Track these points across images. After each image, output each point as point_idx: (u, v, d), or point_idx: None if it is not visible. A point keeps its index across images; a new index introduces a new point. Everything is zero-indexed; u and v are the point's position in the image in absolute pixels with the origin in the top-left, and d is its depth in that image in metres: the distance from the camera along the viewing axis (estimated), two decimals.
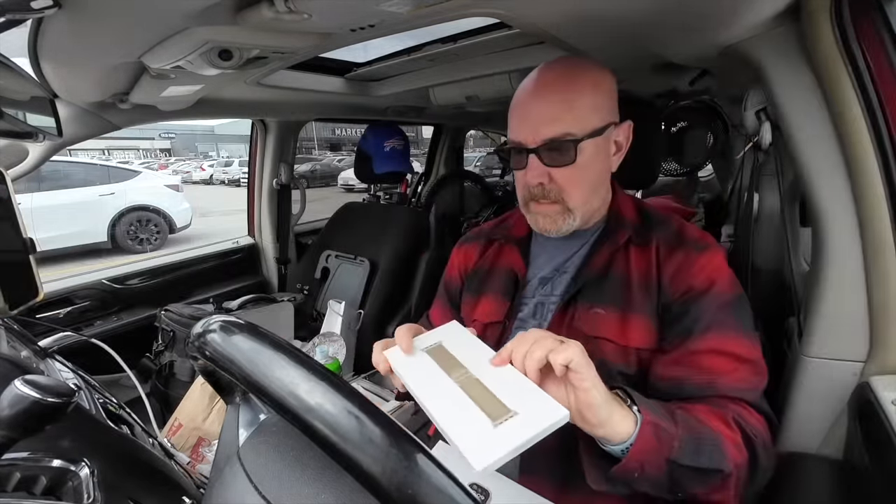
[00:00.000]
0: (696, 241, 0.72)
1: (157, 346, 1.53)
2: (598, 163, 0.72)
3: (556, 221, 0.74)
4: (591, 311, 0.72)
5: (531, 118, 0.71)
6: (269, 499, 0.32)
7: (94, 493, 0.44)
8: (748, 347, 0.65)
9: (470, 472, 0.64)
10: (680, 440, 0.53)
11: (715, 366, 0.65)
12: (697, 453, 0.54)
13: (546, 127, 0.69)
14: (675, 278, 0.69)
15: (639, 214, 0.79)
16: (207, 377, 0.44)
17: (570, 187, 0.71)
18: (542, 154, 0.70)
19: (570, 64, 0.73)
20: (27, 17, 0.64)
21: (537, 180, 0.71)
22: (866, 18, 0.64)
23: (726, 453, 0.55)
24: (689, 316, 0.67)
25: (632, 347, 0.69)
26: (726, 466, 0.55)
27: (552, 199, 0.72)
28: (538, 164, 0.71)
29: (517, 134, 0.73)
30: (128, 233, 6.67)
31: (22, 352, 0.71)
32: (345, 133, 28.20)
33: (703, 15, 0.76)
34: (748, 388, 0.64)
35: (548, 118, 0.69)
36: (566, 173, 0.70)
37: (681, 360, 0.66)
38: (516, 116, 0.74)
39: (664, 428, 0.53)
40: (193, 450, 1.17)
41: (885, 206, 0.66)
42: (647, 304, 0.70)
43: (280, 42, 0.86)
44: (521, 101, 0.73)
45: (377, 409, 0.30)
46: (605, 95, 0.72)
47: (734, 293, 0.68)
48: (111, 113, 1.26)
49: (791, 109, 0.74)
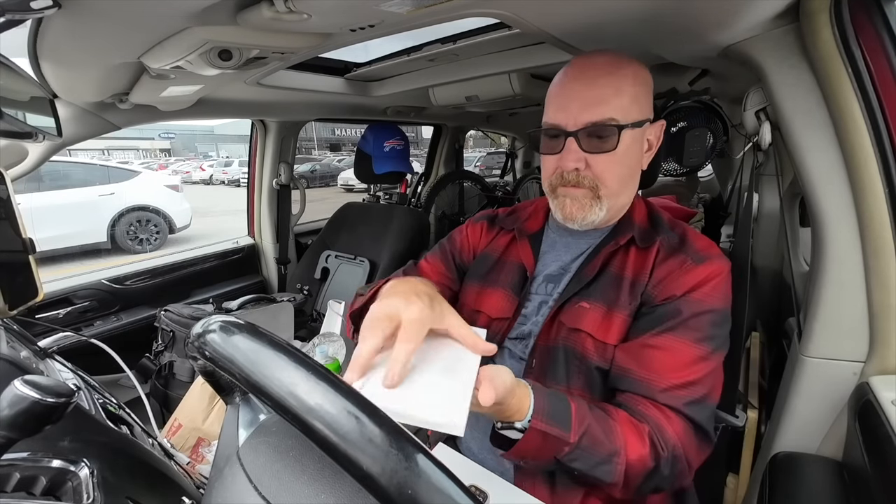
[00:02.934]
0: (696, 251, 0.70)
1: (156, 346, 1.53)
2: (633, 156, 0.72)
3: (584, 208, 0.72)
4: (577, 305, 0.72)
5: (573, 101, 0.68)
6: (269, 499, 0.32)
7: (93, 493, 0.44)
8: (703, 360, 0.64)
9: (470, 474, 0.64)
10: (571, 447, 0.58)
11: (660, 365, 0.64)
12: (584, 462, 0.59)
13: (589, 111, 0.67)
14: (661, 283, 0.69)
15: (649, 219, 0.78)
16: (207, 377, 0.44)
17: (606, 175, 0.70)
18: (581, 139, 0.68)
19: (613, 54, 0.71)
20: (27, 17, 0.64)
21: (574, 165, 0.69)
22: (866, 19, 0.64)
23: (615, 469, 0.60)
24: (656, 313, 0.67)
25: (610, 344, 0.69)
26: (610, 478, 0.60)
27: (585, 185, 0.71)
28: (576, 149, 0.69)
29: (555, 116, 0.70)
30: (127, 233, 6.67)
31: (21, 352, 0.71)
32: (345, 133, 28.19)
33: (702, 16, 0.76)
34: (686, 396, 0.64)
35: (592, 101, 0.67)
36: (604, 161, 0.69)
37: (631, 350, 0.67)
38: (556, 99, 0.71)
39: (554, 436, 0.58)
40: (193, 450, 1.17)
41: (885, 206, 0.66)
42: (631, 303, 0.70)
43: (280, 42, 0.86)
44: (563, 84, 0.71)
45: (377, 409, 0.30)
46: (644, 89, 0.71)
47: (713, 305, 0.67)
48: (111, 113, 1.26)
49: (791, 109, 0.74)
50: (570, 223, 0.75)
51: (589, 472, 0.60)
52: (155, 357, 1.54)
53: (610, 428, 0.61)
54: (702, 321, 0.66)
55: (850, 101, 0.65)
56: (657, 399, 0.64)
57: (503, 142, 3.47)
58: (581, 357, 0.70)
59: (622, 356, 0.68)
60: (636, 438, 0.61)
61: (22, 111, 0.89)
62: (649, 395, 0.64)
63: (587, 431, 0.59)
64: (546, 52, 1.16)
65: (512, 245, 0.86)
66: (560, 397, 0.61)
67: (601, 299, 0.71)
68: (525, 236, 0.84)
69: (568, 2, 0.76)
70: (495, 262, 0.86)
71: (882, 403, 0.62)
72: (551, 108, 0.72)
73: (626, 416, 0.64)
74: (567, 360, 0.71)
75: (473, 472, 0.65)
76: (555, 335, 0.73)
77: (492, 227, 0.91)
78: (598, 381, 0.70)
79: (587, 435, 0.59)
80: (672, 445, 0.62)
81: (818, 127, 0.71)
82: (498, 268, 0.85)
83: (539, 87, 1.56)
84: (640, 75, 0.71)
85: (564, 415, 0.59)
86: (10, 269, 0.76)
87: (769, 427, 0.89)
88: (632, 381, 0.66)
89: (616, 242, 0.74)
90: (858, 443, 0.64)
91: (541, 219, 0.86)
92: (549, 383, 0.70)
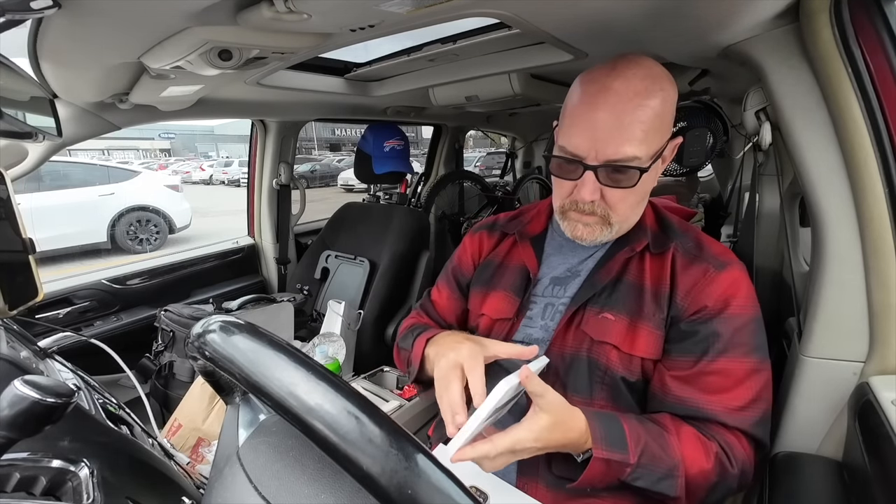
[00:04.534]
0: (715, 256, 0.71)
1: (156, 346, 1.53)
2: (650, 182, 0.70)
3: (594, 232, 0.72)
4: (600, 316, 0.71)
5: (597, 132, 0.64)
6: (269, 499, 0.32)
7: (93, 493, 0.44)
8: (756, 373, 0.67)
9: (470, 474, 0.64)
10: (632, 468, 0.61)
11: (719, 389, 0.66)
12: (647, 480, 0.62)
13: (613, 148, 0.63)
14: (690, 294, 0.69)
15: (658, 222, 0.78)
16: (207, 377, 0.44)
17: (620, 206, 0.69)
18: (600, 174, 0.66)
19: (645, 70, 0.64)
20: (27, 17, 0.64)
21: (591, 198, 0.68)
22: (866, 19, 0.64)
23: (676, 483, 0.62)
24: (700, 335, 0.67)
25: (637, 356, 0.69)
26: (673, 493, 0.62)
27: (598, 213, 0.70)
28: (593, 181, 0.66)
29: (576, 145, 0.66)
30: (127, 233, 6.67)
31: (21, 352, 0.71)
32: (345, 133, 28.19)
33: (702, 16, 0.76)
34: (750, 417, 0.66)
35: (616, 139, 0.63)
36: (620, 194, 0.68)
37: (690, 380, 0.67)
38: (579, 123, 0.66)
39: (616, 461, 0.61)
40: (193, 450, 1.17)
41: (885, 206, 0.66)
42: (656, 314, 0.69)
43: (280, 42, 0.86)
44: (587, 104, 0.65)
45: (377, 409, 0.30)
46: (670, 108, 0.67)
47: (750, 315, 0.68)
48: (111, 113, 1.26)
49: (791, 110, 0.74)
50: (579, 241, 0.75)
51: (652, 489, 0.62)
52: (155, 357, 1.53)
53: (666, 442, 0.64)
54: (745, 334, 0.67)
55: (849, 101, 0.65)
56: (727, 423, 0.66)
57: (503, 142, 3.47)
58: (605, 368, 0.70)
59: (678, 385, 0.68)
60: (700, 454, 0.64)
61: (22, 111, 0.89)
62: (718, 421, 0.66)
63: (645, 449, 0.62)
64: (546, 52, 1.16)
65: (514, 249, 0.86)
66: (611, 418, 0.64)
67: (624, 310, 0.71)
68: (527, 239, 0.84)
69: (568, 2, 0.76)
70: (497, 267, 0.86)
71: (882, 403, 0.62)
72: (572, 132, 0.67)
73: (695, 431, 0.66)
74: (591, 371, 0.71)
75: (474, 473, 0.65)
76: (575, 344, 0.73)
77: (492, 234, 0.91)
78: (623, 391, 0.70)
79: (645, 453, 0.62)
80: (742, 462, 0.65)
81: (818, 127, 0.71)
82: (500, 272, 0.85)
83: (539, 88, 1.56)
84: (669, 95, 0.65)
85: (619, 436, 0.62)
86: (10, 269, 0.76)
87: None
88: (696, 410, 0.67)
89: (632, 249, 0.74)
90: (858, 443, 0.64)
91: (543, 221, 0.86)
92: (570, 395, 0.70)
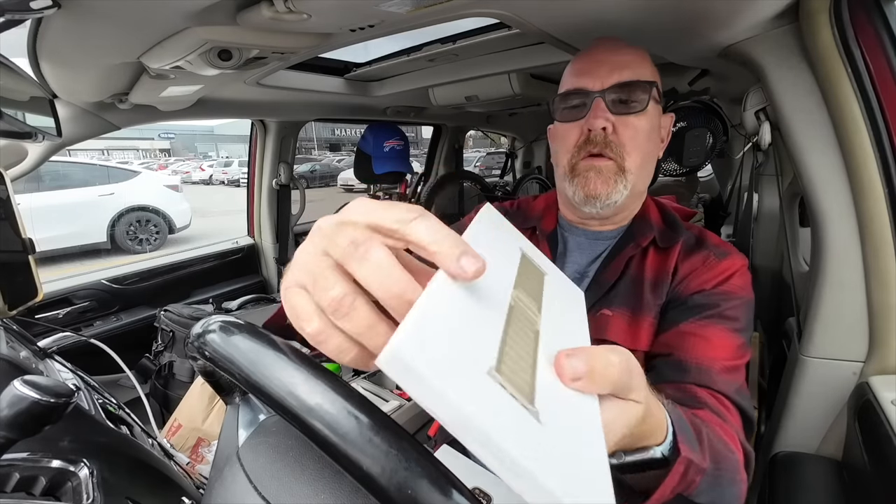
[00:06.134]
0: (716, 246, 0.69)
1: (156, 346, 1.53)
2: (654, 135, 0.69)
3: (608, 183, 0.67)
4: (599, 313, 0.68)
5: (601, 64, 0.66)
6: (269, 499, 0.32)
7: (93, 493, 0.44)
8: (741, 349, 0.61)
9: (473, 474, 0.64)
10: (703, 474, 0.43)
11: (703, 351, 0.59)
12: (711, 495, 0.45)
13: (618, 72, 0.65)
14: (687, 279, 0.67)
15: (663, 218, 0.76)
16: (207, 377, 0.44)
17: (632, 145, 0.66)
18: (608, 100, 0.65)
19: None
20: (27, 17, 0.64)
21: (602, 124, 0.65)
22: (865, 19, 0.64)
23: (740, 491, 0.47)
24: (694, 302, 0.64)
25: (640, 351, 0.65)
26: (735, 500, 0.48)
27: (611, 154, 0.67)
28: (604, 108, 0.65)
29: (579, 80, 0.67)
30: (127, 233, 6.66)
31: (21, 352, 0.71)
32: (345, 133, 28.17)
33: (702, 15, 0.76)
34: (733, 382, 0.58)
35: (620, 64, 0.65)
36: (632, 126, 0.66)
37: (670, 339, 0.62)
38: (578, 65, 0.69)
39: (695, 464, 0.41)
40: (193, 450, 1.17)
41: (884, 206, 0.66)
42: (654, 303, 0.67)
43: (280, 42, 0.86)
44: (585, 54, 0.69)
45: (377, 409, 0.30)
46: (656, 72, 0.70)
47: (745, 297, 0.65)
48: (111, 113, 1.26)
49: (790, 110, 0.74)
50: (592, 203, 0.69)
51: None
52: (155, 357, 1.53)
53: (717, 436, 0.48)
54: (737, 311, 0.63)
55: (849, 101, 0.66)
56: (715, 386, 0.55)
57: (503, 142, 3.47)
58: None
59: (660, 345, 0.62)
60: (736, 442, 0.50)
61: (22, 111, 0.89)
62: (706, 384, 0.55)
63: (711, 447, 0.45)
64: (546, 52, 1.16)
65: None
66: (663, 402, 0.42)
67: (623, 304, 0.68)
68: (545, 236, 0.79)
69: (568, 2, 0.76)
70: None
71: (882, 403, 0.62)
72: (573, 74, 0.69)
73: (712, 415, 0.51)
74: None
75: (478, 474, 0.64)
76: None
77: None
78: None
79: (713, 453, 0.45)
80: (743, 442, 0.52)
81: (818, 127, 0.71)
82: None
83: (539, 87, 1.56)
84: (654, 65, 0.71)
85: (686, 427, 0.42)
86: (10, 269, 0.76)
87: (769, 427, 0.89)
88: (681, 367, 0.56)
89: (637, 244, 0.71)
90: (858, 443, 0.64)
91: (553, 217, 0.82)
92: None
